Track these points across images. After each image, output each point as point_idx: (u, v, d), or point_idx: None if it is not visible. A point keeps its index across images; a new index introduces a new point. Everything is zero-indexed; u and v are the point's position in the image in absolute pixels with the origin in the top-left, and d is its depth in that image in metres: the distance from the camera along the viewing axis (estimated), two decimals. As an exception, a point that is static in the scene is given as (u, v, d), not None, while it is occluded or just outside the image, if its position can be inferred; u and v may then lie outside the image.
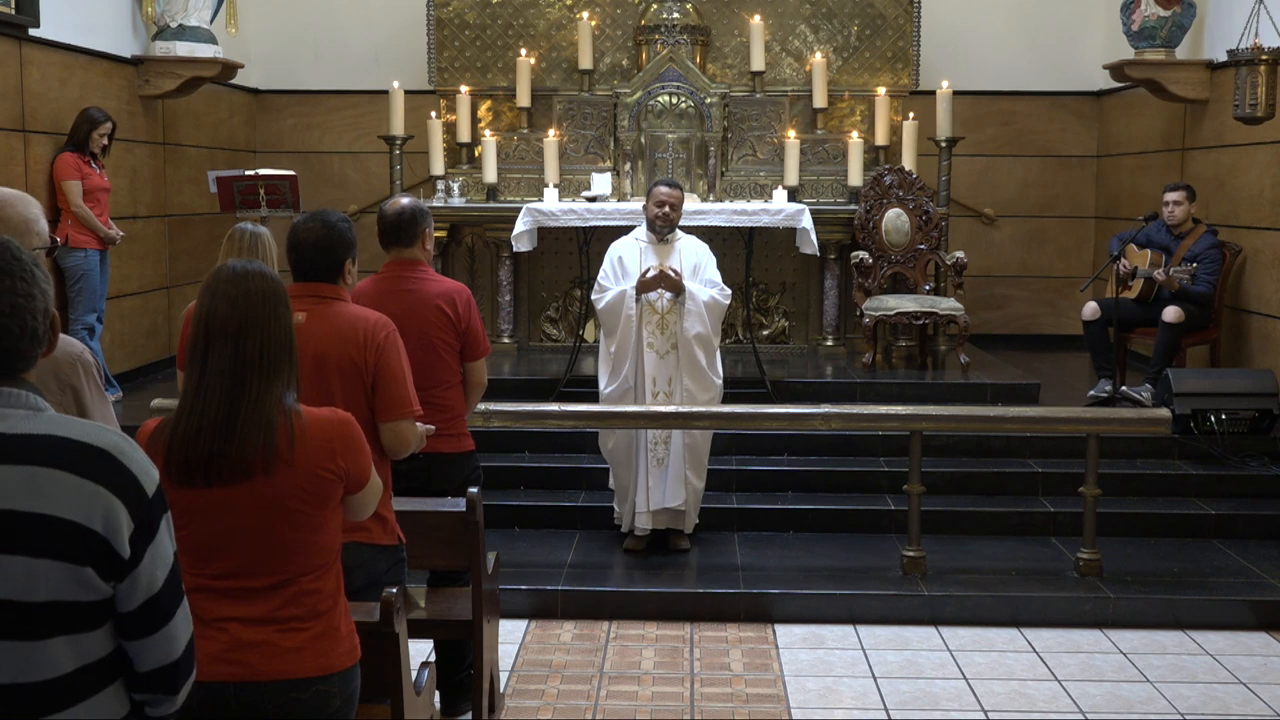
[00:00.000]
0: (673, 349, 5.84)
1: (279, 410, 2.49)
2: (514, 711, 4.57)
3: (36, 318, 1.85)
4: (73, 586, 1.77)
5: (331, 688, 2.56)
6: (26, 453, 1.77)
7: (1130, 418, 6.00)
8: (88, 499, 1.77)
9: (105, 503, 1.78)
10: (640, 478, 5.86)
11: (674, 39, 8.89)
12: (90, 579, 1.78)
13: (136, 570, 1.82)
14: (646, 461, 5.84)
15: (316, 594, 2.56)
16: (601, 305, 5.87)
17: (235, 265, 2.60)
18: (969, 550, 6.09)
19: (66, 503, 1.76)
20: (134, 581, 1.83)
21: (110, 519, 1.78)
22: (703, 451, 5.98)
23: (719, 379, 5.92)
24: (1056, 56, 10.08)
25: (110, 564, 1.80)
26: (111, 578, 1.80)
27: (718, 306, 5.85)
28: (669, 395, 5.84)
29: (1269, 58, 7.02)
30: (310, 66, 10.16)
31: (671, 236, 5.93)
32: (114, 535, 1.79)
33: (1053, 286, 10.31)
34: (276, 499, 2.48)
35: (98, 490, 1.78)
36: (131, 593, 1.83)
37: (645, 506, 5.86)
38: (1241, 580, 5.72)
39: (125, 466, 1.82)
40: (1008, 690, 4.80)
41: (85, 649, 1.80)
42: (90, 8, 7.77)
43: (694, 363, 5.82)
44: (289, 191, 7.93)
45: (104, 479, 1.79)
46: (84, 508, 1.77)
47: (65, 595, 1.77)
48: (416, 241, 4.30)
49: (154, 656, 1.88)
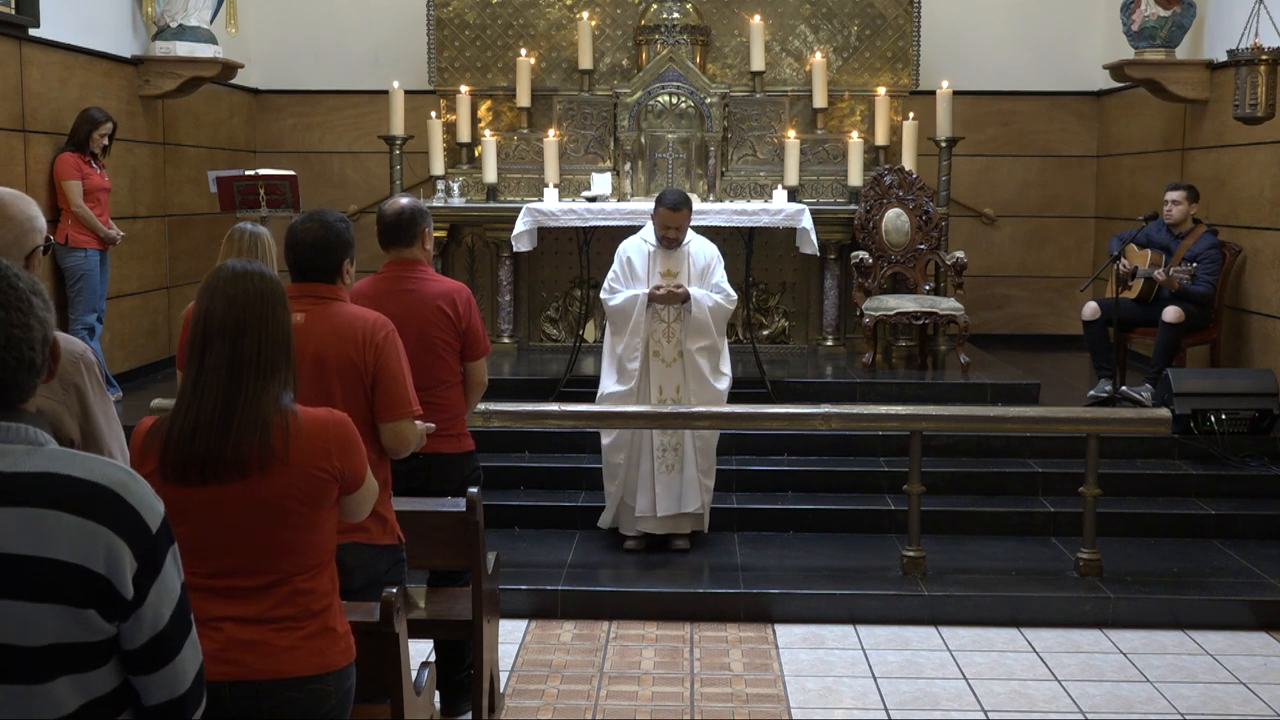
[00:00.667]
0: (679, 357, 5.85)
1: (275, 410, 2.49)
2: (514, 711, 4.57)
3: (34, 348, 1.78)
4: (75, 628, 1.72)
5: (327, 687, 2.56)
6: (25, 493, 1.71)
7: (1130, 418, 6.00)
8: (89, 540, 1.71)
9: (107, 542, 1.73)
10: (645, 483, 5.85)
11: (674, 39, 8.89)
12: (93, 620, 1.73)
13: (141, 609, 1.77)
14: (654, 468, 5.84)
15: (310, 594, 2.56)
16: (613, 303, 5.87)
17: (234, 265, 2.60)
18: (969, 550, 6.09)
19: (66, 545, 1.70)
20: (138, 620, 1.77)
21: (113, 559, 1.73)
22: (712, 452, 5.99)
23: (725, 381, 5.91)
24: (1056, 56, 10.08)
25: (114, 604, 1.74)
26: (115, 618, 1.75)
27: (722, 311, 5.86)
28: (676, 402, 5.84)
29: (1269, 58, 7.02)
30: (310, 66, 10.16)
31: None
32: (117, 576, 1.73)
33: (1053, 286, 10.31)
34: (271, 498, 2.48)
35: (99, 530, 1.72)
36: (136, 631, 1.78)
37: (652, 512, 5.85)
38: (1241, 580, 5.72)
39: (128, 503, 1.76)
40: (1008, 690, 4.80)
41: (89, 686, 1.76)
42: (90, 8, 7.77)
43: (698, 371, 5.83)
44: (289, 191, 7.93)
45: (105, 518, 1.73)
46: (85, 549, 1.71)
47: (67, 638, 1.72)
48: (416, 241, 4.30)
49: (161, 691, 1.84)
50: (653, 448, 5.85)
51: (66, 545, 1.70)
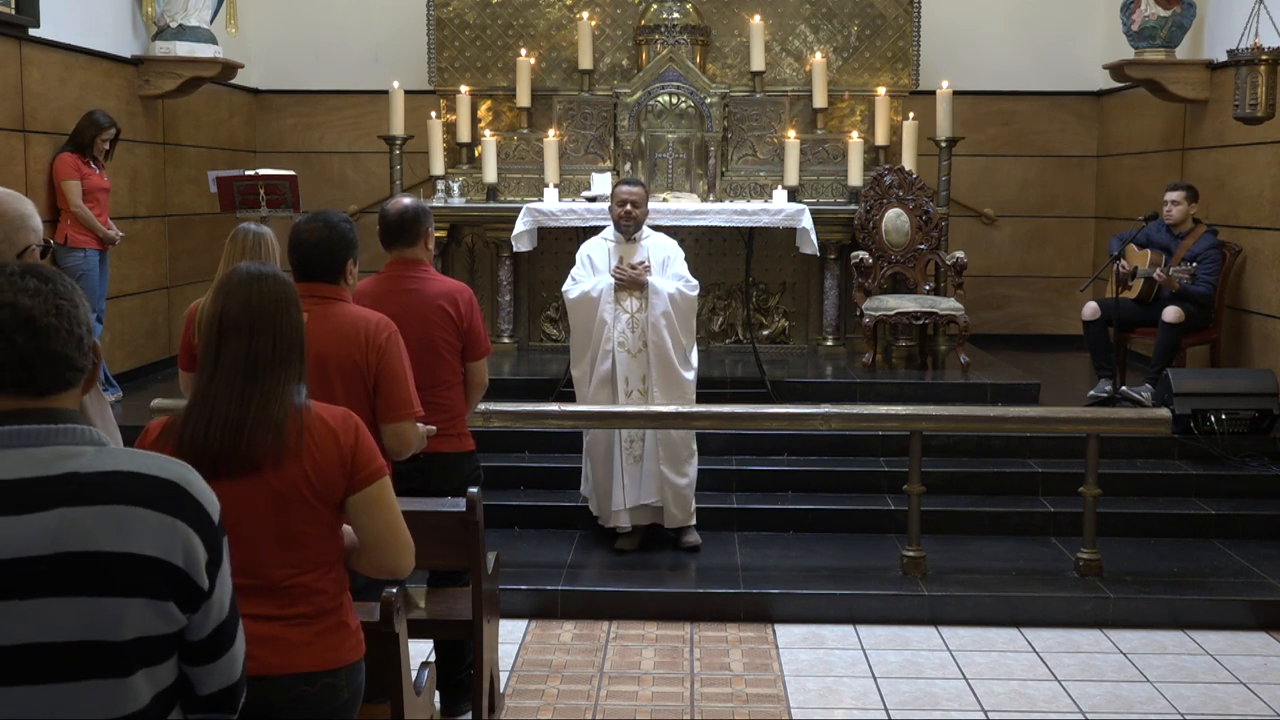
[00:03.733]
0: (644, 347, 5.85)
1: (289, 406, 2.52)
2: (514, 711, 4.57)
3: (81, 325, 1.83)
4: (156, 621, 1.77)
5: (339, 681, 2.58)
6: (107, 491, 1.75)
7: (1130, 418, 6.00)
8: (168, 534, 1.77)
9: (184, 536, 1.78)
10: (617, 475, 5.87)
11: (674, 39, 8.89)
12: (172, 612, 1.78)
13: (210, 599, 1.83)
14: (622, 459, 5.86)
15: (322, 591, 2.58)
16: (573, 296, 5.91)
17: (249, 267, 2.63)
18: (969, 550, 6.09)
19: (151, 540, 1.75)
20: (207, 610, 1.83)
21: (190, 552, 1.79)
22: (679, 447, 5.93)
23: (691, 373, 5.91)
24: (1056, 56, 10.08)
25: (190, 596, 1.80)
26: (189, 609, 1.81)
27: (684, 299, 5.86)
28: (643, 394, 5.84)
29: (1269, 58, 7.02)
30: (310, 66, 10.16)
31: (638, 235, 5.96)
32: (193, 568, 1.79)
33: (1053, 286, 10.31)
34: (284, 489, 2.50)
35: (175, 524, 1.78)
36: (204, 621, 1.83)
37: (623, 504, 5.87)
38: (1241, 580, 5.72)
39: (194, 497, 1.82)
40: (1008, 690, 4.80)
41: (159, 678, 1.81)
42: (90, 8, 7.77)
43: (665, 360, 5.83)
44: (289, 191, 7.93)
45: (180, 512, 1.79)
46: (166, 543, 1.76)
47: (150, 631, 1.77)
48: (418, 241, 4.30)
49: (218, 679, 1.89)
50: (620, 438, 5.86)
51: (151, 540, 1.75)
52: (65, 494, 1.73)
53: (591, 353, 5.88)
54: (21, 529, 1.70)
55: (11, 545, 1.70)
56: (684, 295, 5.86)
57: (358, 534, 2.62)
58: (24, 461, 1.74)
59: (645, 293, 5.81)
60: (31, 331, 1.76)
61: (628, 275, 5.81)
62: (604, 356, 5.84)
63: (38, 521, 1.71)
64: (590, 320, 5.86)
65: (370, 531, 2.60)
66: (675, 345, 5.85)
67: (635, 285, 5.82)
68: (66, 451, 1.77)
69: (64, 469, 1.75)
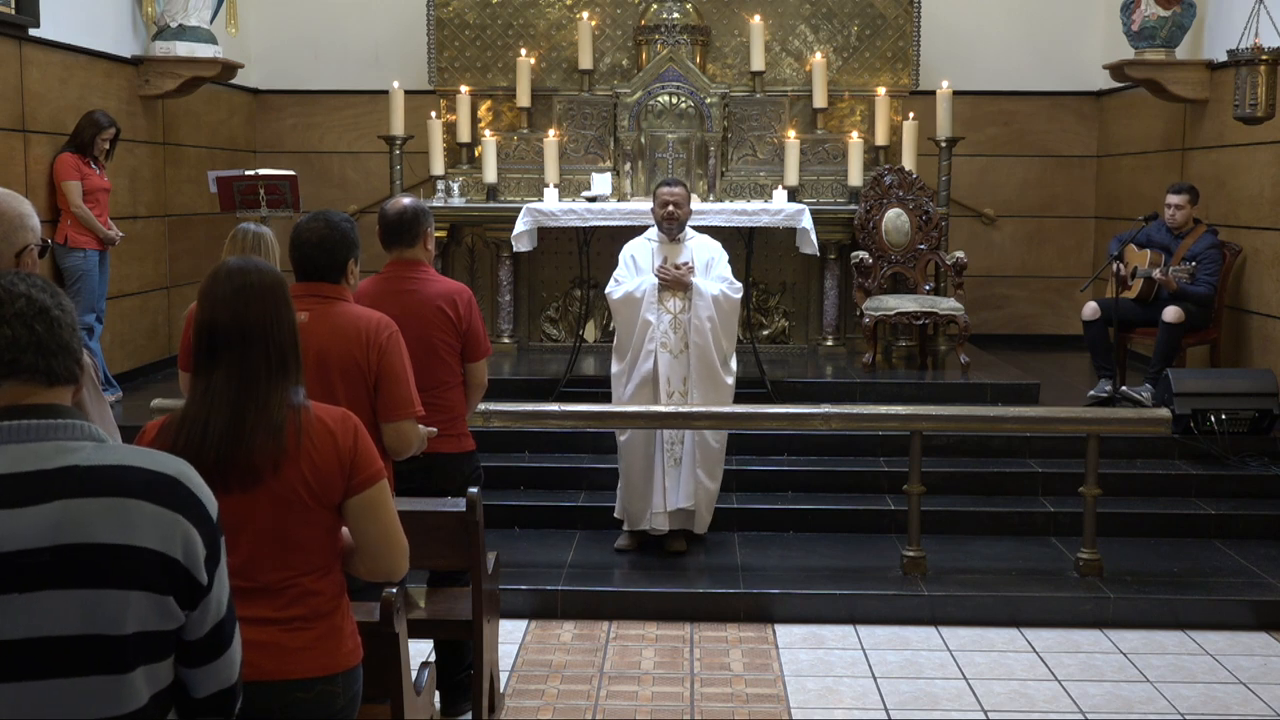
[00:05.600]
0: (685, 348, 5.84)
1: (287, 409, 2.49)
2: (514, 711, 4.58)
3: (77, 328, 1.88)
4: (156, 616, 1.78)
5: (336, 687, 2.56)
6: (107, 484, 1.77)
7: (1130, 418, 6.00)
8: (168, 527, 1.78)
9: (184, 531, 1.80)
10: (658, 478, 5.84)
11: (674, 39, 8.90)
12: (171, 608, 1.79)
13: (209, 596, 1.84)
14: (663, 461, 5.83)
15: (320, 595, 2.56)
16: (616, 296, 5.87)
17: (230, 263, 2.58)
18: (969, 550, 6.09)
19: (152, 533, 1.77)
20: (205, 607, 1.84)
21: (189, 547, 1.80)
22: (715, 451, 5.93)
23: (731, 378, 5.91)
24: (1056, 56, 10.08)
25: (190, 591, 1.81)
26: (188, 605, 1.82)
27: (727, 301, 5.83)
28: (684, 394, 5.82)
29: (1269, 58, 7.02)
30: (310, 66, 10.16)
31: (682, 235, 5.94)
32: (193, 563, 1.81)
33: (1053, 286, 10.32)
34: (282, 491, 2.48)
35: (176, 518, 1.79)
36: (203, 619, 1.85)
37: (663, 507, 5.84)
38: (1241, 580, 5.73)
39: (193, 493, 1.84)
40: (1008, 690, 4.80)
41: (158, 678, 1.82)
42: (90, 8, 7.77)
43: (706, 362, 5.80)
44: (289, 192, 7.93)
45: (179, 506, 1.80)
46: (166, 537, 1.78)
47: (150, 626, 1.78)
48: (418, 241, 4.30)
49: (214, 681, 1.90)
50: (662, 440, 5.84)
51: (152, 533, 1.77)
52: (65, 487, 1.74)
53: (633, 352, 5.84)
54: (22, 521, 1.72)
55: (12, 538, 1.71)
56: (728, 297, 5.83)
57: (354, 537, 2.60)
58: (25, 456, 1.76)
59: (689, 294, 5.77)
60: (47, 321, 1.82)
61: (672, 275, 5.77)
62: (646, 356, 5.81)
63: (38, 514, 1.72)
64: (634, 320, 5.82)
65: (367, 535, 2.58)
66: (717, 348, 5.82)
67: (679, 286, 5.78)
68: (66, 446, 1.79)
69: (64, 462, 1.77)
